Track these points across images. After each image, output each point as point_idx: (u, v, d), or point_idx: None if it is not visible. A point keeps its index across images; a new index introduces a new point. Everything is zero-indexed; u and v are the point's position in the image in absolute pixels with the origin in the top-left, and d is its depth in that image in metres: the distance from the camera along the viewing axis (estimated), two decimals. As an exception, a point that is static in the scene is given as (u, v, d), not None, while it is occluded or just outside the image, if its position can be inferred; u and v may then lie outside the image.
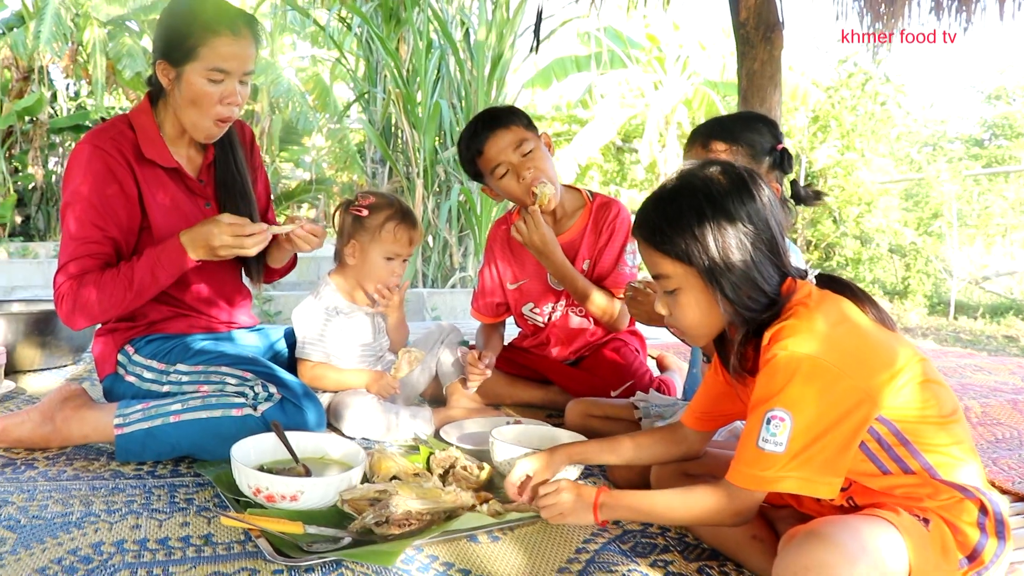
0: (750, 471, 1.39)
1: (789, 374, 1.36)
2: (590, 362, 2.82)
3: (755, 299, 1.46)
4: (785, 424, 1.35)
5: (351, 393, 2.50)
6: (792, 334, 1.39)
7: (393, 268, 2.53)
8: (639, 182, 14.42)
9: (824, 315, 1.42)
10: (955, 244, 10.21)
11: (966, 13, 3.97)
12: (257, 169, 2.61)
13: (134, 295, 2.19)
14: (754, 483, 1.40)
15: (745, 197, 1.46)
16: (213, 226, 2.15)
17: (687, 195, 1.49)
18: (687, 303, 1.52)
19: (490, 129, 2.59)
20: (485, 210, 8.01)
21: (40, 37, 9.75)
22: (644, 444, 1.79)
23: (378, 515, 1.68)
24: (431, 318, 6.91)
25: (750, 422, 1.41)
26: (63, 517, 1.76)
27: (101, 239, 2.21)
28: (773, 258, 1.48)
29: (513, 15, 8.21)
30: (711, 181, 1.49)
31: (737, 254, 1.44)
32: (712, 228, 1.44)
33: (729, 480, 1.43)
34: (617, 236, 2.73)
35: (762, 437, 1.37)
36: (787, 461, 1.35)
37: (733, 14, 4.02)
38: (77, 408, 2.24)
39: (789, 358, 1.37)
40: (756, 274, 1.46)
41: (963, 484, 1.41)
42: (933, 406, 1.43)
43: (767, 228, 1.47)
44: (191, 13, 2.22)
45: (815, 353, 1.36)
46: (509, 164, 2.58)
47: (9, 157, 11.15)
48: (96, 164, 2.22)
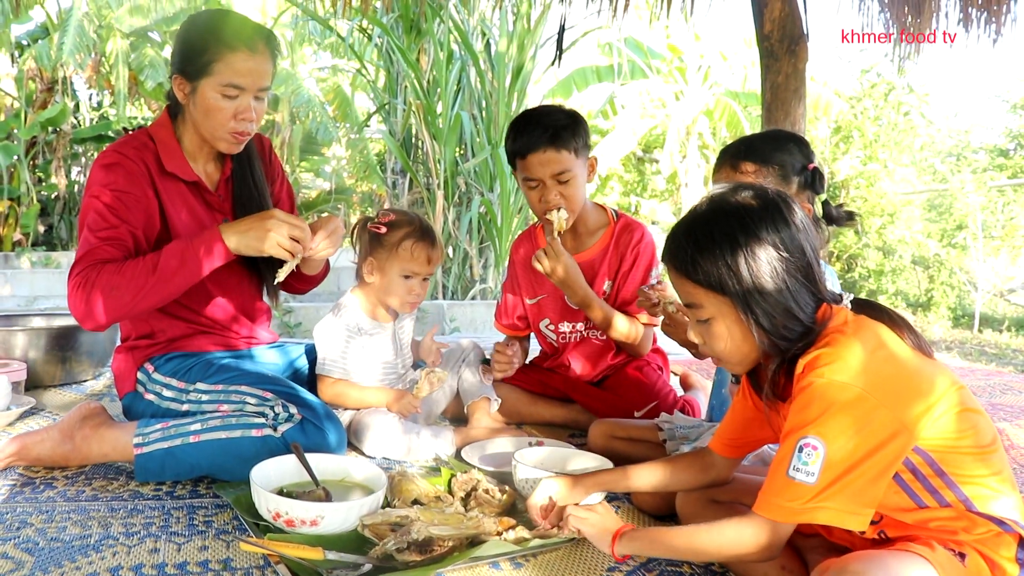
0: (778, 501, 1.36)
1: (825, 403, 1.33)
2: (613, 381, 2.79)
3: (790, 328, 1.43)
4: (818, 453, 1.31)
5: (372, 412, 2.48)
6: (829, 362, 1.35)
7: (411, 287, 2.50)
8: (659, 192, 14.38)
9: (861, 342, 1.38)
10: (980, 256, 10.09)
11: (995, 24, 3.91)
12: (278, 177, 2.60)
13: (156, 281, 2.05)
14: (783, 515, 1.36)
15: (779, 223, 1.43)
16: (272, 220, 2.09)
17: (719, 222, 1.45)
18: (720, 333, 1.49)
19: (542, 145, 2.52)
20: (506, 222, 7.99)
21: (64, 48, 9.82)
22: (671, 472, 1.76)
23: (399, 541, 1.65)
24: (450, 330, 6.89)
25: (782, 450, 1.38)
26: (81, 540, 1.75)
27: (122, 231, 2.13)
28: (808, 284, 1.44)
29: (534, 26, 8.19)
30: (743, 208, 1.45)
31: (771, 282, 1.41)
32: (745, 256, 1.41)
33: (757, 511, 1.39)
34: (641, 261, 2.70)
35: (793, 466, 1.33)
36: (817, 492, 1.31)
37: (757, 27, 3.98)
38: (97, 427, 2.22)
39: (826, 386, 1.33)
40: (791, 302, 1.42)
41: (1001, 517, 1.36)
42: (971, 436, 1.38)
43: (801, 254, 1.43)
44: (207, 28, 2.22)
45: (851, 382, 1.33)
46: (541, 182, 2.56)
47: (33, 167, 11.23)
48: (120, 171, 2.20)
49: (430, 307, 7.06)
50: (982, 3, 3.85)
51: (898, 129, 11.62)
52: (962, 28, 3.95)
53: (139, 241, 2.18)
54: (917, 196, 11.33)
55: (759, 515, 1.39)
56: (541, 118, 2.56)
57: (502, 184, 7.91)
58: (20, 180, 10.74)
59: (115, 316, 2.08)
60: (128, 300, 2.05)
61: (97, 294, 2.03)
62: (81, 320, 2.11)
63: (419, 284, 2.51)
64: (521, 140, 2.56)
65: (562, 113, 2.59)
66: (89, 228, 2.13)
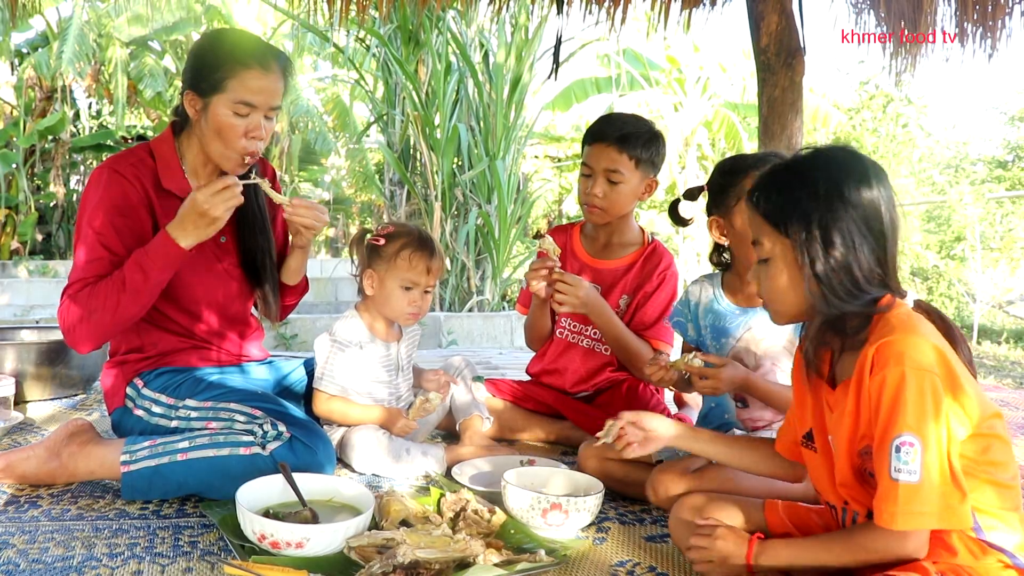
0: (893, 508, 1.31)
1: (912, 394, 1.31)
2: (606, 398, 2.77)
3: (847, 288, 1.41)
4: (915, 450, 1.29)
5: (362, 428, 2.46)
6: (905, 350, 1.33)
7: (412, 298, 2.48)
8: (658, 203, 14.36)
9: (932, 336, 1.37)
10: (978, 267, 10.07)
11: (991, 40, 3.89)
12: (277, 206, 2.58)
13: (128, 296, 2.10)
14: (905, 521, 1.31)
15: (864, 186, 1.42)
16: (198, 205, 2.07)
17: (810, 168, 1.47)
18: (775, 274, 1.49)
19: (608, 139, 2.61)
20: (503, 234, 7.98)
21: (63, 57, 9.83)
22: (760, 456, 1.77)
23: (385, 564, 1.63)
24: (447, 342, 6.87)
25: (879, 454, 1.35)
26: (63, 561, 1.73)
27: (109, 261, 2.17)
28: (879, 254, 1.43)
29: (532, 37, 8.19)
30: (836, 161, 1.46)
31: (839, 237, 1.40)
32: (820, 206, 1.42)
33: (879, 524, 1.35)
34: (666, 287, 2.71)
35: (894, 467, 1.31)
36: (925, 490, 1.29)
37: (754, 40, 3.97)
38: (83, 444, 2.20)
39: (910, 377, 1.31)
40: (854, 263, 1.41)
41: (1013, 551, 1.35)
42: (1000, 466, 1.38)
43: (878, 221, 1.43)
44: (221, 45, 2.24)
45: (931, 371, 1.31)
46: (593, 172, 2.64)
47: (31, 175, 11.24)
48: (114, 190, 2.20)
49: (427, 319, 7.04)
50: (977, 18, 3.84)
51: (896, 141, 11.65)
52: (958, 43, 3.94)
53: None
54: (915, 208, 11.33)
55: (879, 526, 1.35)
56: (623, 119, 2.68)
57: (500, 196, 7.90)
58: (18, 188, 10.75)
59: (101, 337, 2.18)
60: (108, 320, 2.12)
61: (80, 321, 2.12)
62: (74, 347, 2.20)
63: (420, 295, 2.49)
64: (596, 128, 2.68)
65: (644, 125, 2.68)
66: (77, 255, 2.19)
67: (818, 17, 9.72)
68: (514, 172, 8.39)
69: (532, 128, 9.04)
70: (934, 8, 3.82)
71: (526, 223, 9.10)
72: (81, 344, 2.18)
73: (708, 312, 2.27)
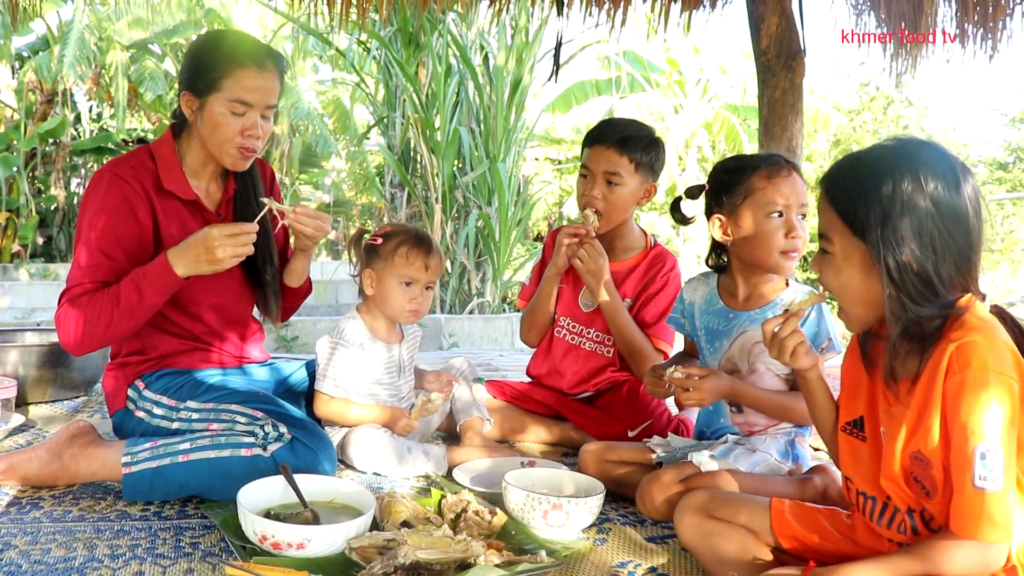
0: (978, 518, 1.26)
1: (1000, 400, 1.25)
2: (607, 400, 2.77)
3: (922, 293, 1.34)
4: (999, 457, 1.25)
5: (363, 428, 2.46)
6: (987, 352, 1.28)
7: (411, 295, 2.48)
8: (659, 205, 14.36)
9: (1010, 340, 1.32)
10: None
11: (992, 41, 3.90)
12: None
13: (122, 314, 2.11)
14: (991, 532, 1.26)
15: (949, 185, 1.34)
16: (208, 240, 2.07)
17: (889, 161, 1.38)
18: (847, 280, 1.43)
19: (608, 142, 2.63)
20: (504, 236, 7.99)
21: (64, 61, 9.86)
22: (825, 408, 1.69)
23: (386, 565, 1.63)
24: (448, 344, 6.87)
25: (959, 459, 1.29)
26: (65, 563, 1.73)
27: (108, 267, 2.18)
28: (959, 260, 1.35)
29: (532, 40, 8.21)
30: (919, 158, 1.37)
31: (916, 239, 1.33)
32: (899, 203, 1.33)
33: (958, 535, 1.29)
34: (669, 289, 2.72)
35: (979, 475, 1.25)
36: (1007, 500, 1.25)
37: (754, 42, 3.97)
38: (85, 446, 2.20)
39: (1001, 382, 1.26)
40: (931, 268, 1.33)
41: None
42: None
43: (962, 225, 1.34)
44: (217, 45, 2.25)
45: (1011, 376, 1.26)
46: (592, 175, 2.65)
47: (32, 179, 11.26)
48: (114, 194, 2.21)
49: (427, 321, 7.04)
50: (978, 19, 3.84)
51: (897, 143, 11.63)
52: (959, 44, 3.94)
53: (124, 273, 2.18)
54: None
55: (960, 537, 1.29)
56: (624, 123, 2.71)
57: (500, 198, 7.91)
58: (19, 192, 10.76)
59: (93, 346, 2.21)
60: (100, 333, 2.15)
61: (74, 327, 2.15)
62: (68, 350, 2.24)
63: (419, 292, 2.49)
64: (596, 131, 2.71)
65: (645, 130, 2.71)
66: (78, 265, 2.20)
67: (818, 19, 9.72)
68: (514, 174, 8.40)
69: (532, 130, 9.06)
70: (934, 9, 3.82)
71: (526, 225, 9.11)
72: (74, 349, 2.21)
73: (703, 313, 2.26)
